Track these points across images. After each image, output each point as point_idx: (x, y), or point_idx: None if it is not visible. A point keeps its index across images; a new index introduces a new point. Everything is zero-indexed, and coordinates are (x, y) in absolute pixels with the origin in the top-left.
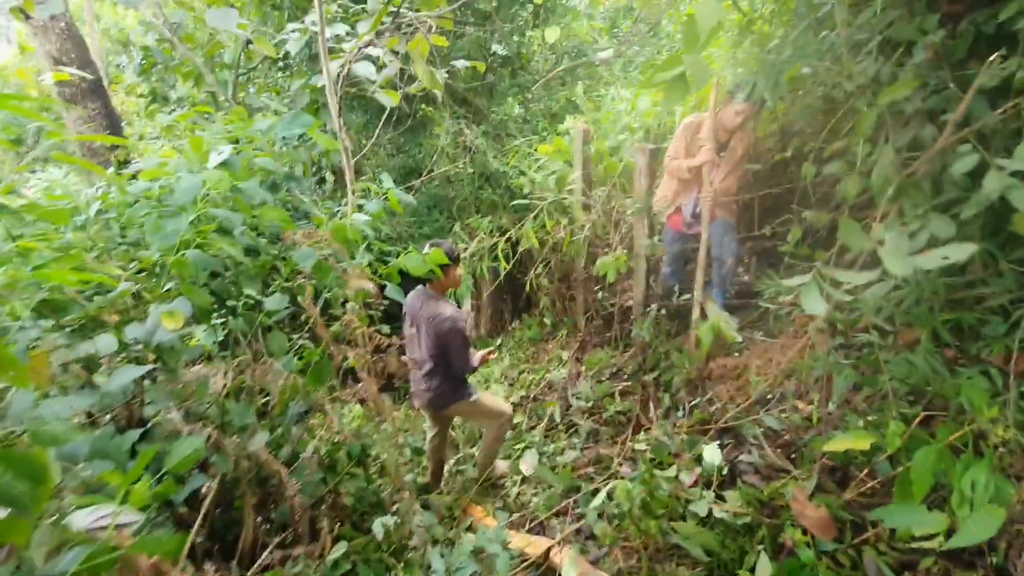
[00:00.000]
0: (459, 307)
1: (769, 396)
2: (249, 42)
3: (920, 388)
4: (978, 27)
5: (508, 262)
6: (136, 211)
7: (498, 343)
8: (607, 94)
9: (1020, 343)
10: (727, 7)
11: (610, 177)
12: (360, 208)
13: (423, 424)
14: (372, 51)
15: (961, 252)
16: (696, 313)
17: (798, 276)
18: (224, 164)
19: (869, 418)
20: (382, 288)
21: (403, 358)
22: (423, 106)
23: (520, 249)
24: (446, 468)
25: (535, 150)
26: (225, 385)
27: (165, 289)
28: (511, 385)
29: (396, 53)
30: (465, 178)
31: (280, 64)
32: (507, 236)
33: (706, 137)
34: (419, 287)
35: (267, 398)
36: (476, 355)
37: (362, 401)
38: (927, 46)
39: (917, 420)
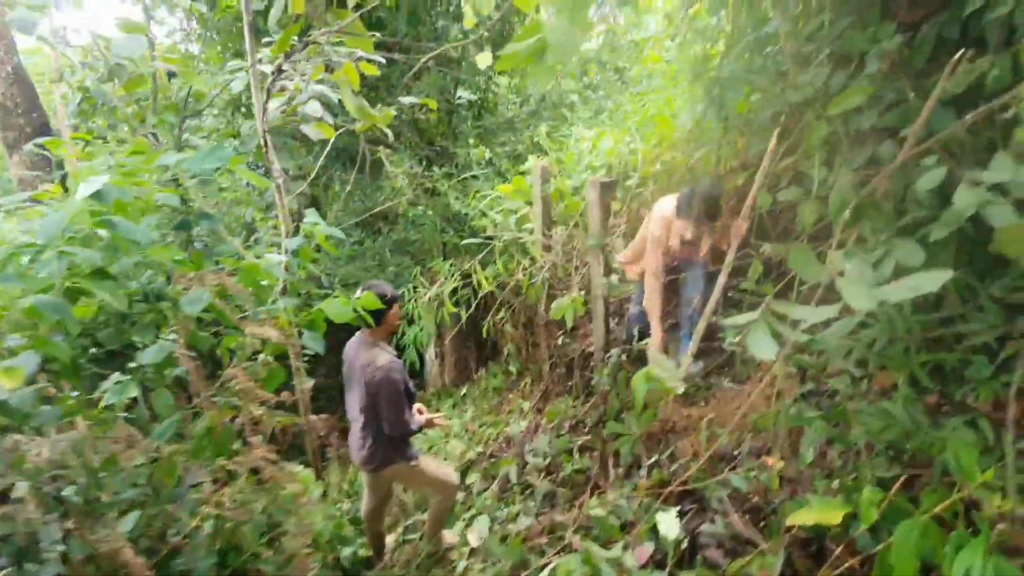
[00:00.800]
0: (397, 357)
1: (736, 451)
2: (172, 75)
3: (900, 443)
4: (940, 32)
5: (471, 307)
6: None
7: (463, 393)
8: (571, 134)
9: (1011, 386)
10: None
11: (571, 216)
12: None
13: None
14: (319, 89)
15: (933, 281)
16: (685, 360)
17: (747, 313)
18: (97, 195)
19: (843, 480)
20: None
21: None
22: (381, 147)
23: (481, 293)
24: (392, 538)
25: (496, 191)
26: (81, 456)
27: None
28: (470, 439)
29: (322, 83)
30: (428, 221)
31: (240, 106)
32: (468, 279)
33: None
34: (357, 333)
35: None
36: (420, 415)
37: (255, 470)
38: (882, 55)
39: (897, 484)
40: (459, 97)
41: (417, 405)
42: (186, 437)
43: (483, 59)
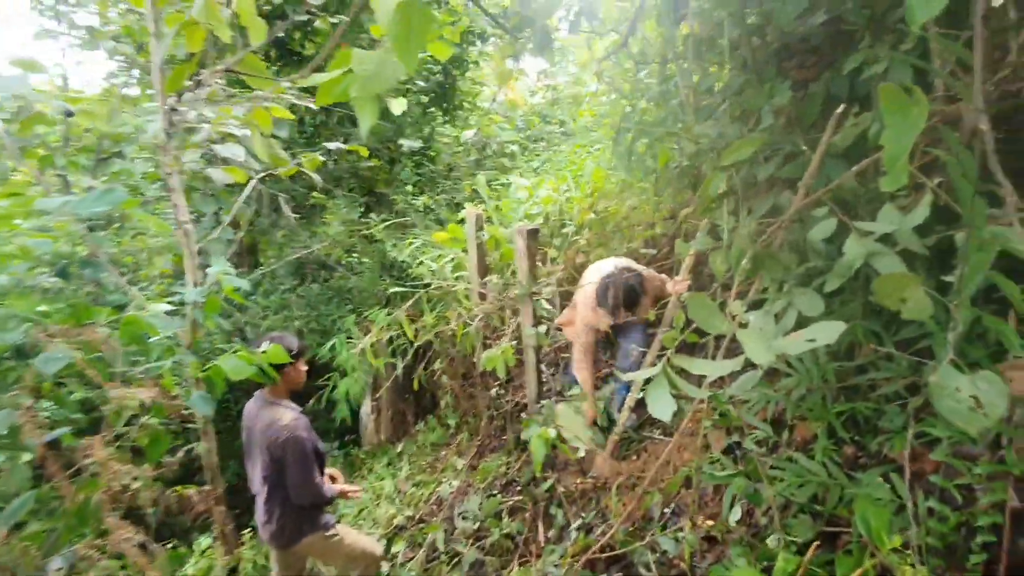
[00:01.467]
0: (302, 414)
1: (667, 510)
2: (70, 114)
3: (817, 501)
4: (828, 89)
5: (407, 357)
6: None
7: (399, 450)
8: (509, 183)
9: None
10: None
11: (507, 264)
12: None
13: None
14: (237, 131)
15: (829, 332)
16: (626, 411)
17: (648, 368)
18: None
19: (763, 543)
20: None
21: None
22: (314, 193)
23: (419, 343)
24: None
25: (433, 238)
26: None
27: None
28: (402, 502)
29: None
30: (366, 268)
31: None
32: (403, 329)
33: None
34: (257, 393)
35: None
36: (334, 484)
37: (118, 555)
38: (776, 110)
39: (812, 550)
40: (401, 145)
41: (330, 471)
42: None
43: (398, 104)
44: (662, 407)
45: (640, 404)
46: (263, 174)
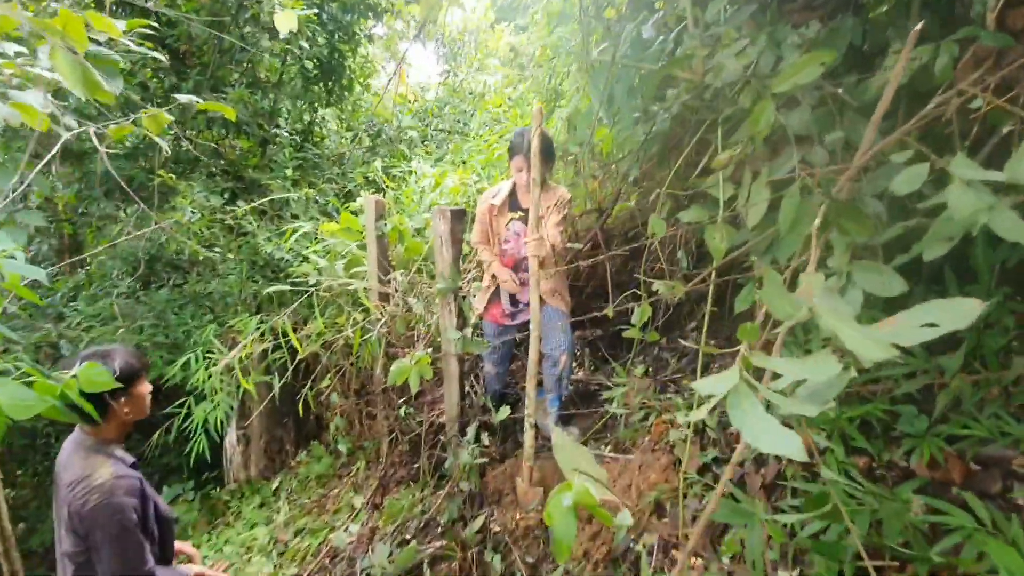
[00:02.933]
0: (134, 467)
1: (637, 546)
2: None
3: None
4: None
5: (287, 373)
6: None
7: (275, 486)
8: (410, 170)
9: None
10: None
11: (413, 260)
12: None
13: None
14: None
15: (962, 314)
16: (528, 430)
17: (715, 376)
18: None
19: None
20: None
21: None
22: (160, 172)
23: (300, 355)
24: None
25: (320, 231)
26: None
27: None
28: (281, 556)
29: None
30: (233, 267)
31: None
32: (281, 339)
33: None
34: (72, 434)
35: None
36: (189, 568)
37: None
38: (804, 43)
39: None
40: (276, 125)
41: (182, 545)
42: None
43: (285, 20)
44: (767, 436)
45: (573, 417)
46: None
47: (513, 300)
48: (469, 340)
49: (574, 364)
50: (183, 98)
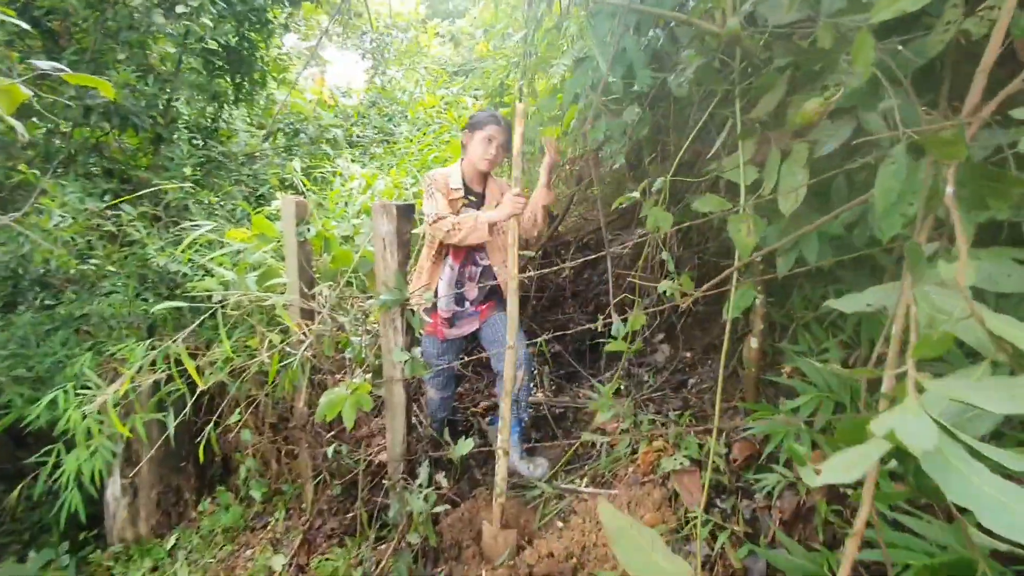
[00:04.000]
0: None
1: None
2: None
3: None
4: None
5: (185, 408)
6: None
7: (171, 544)
8: (336, 171)
9: None
10: None
11: (342, 271)
12: None
13: None
14: None
15: None
16: (501, 458)
17: (887, 419)
18: None
19: None
20: None
21: None
22: (22, 167)
23: (203, 386)
24: None
25: (228, 237)
26: None
27: None
28: None
29: None
30: (118, 283)
31: None
32: (182, 367)
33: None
34: None
35: None
36: None
37: None
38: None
39: None
40: (173, 120)
41: None
42: None
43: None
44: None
45: (539, 449)
46: None
47: (459, 299)
48: (420, 364)
49: (532, 385)
50: (44, 65)
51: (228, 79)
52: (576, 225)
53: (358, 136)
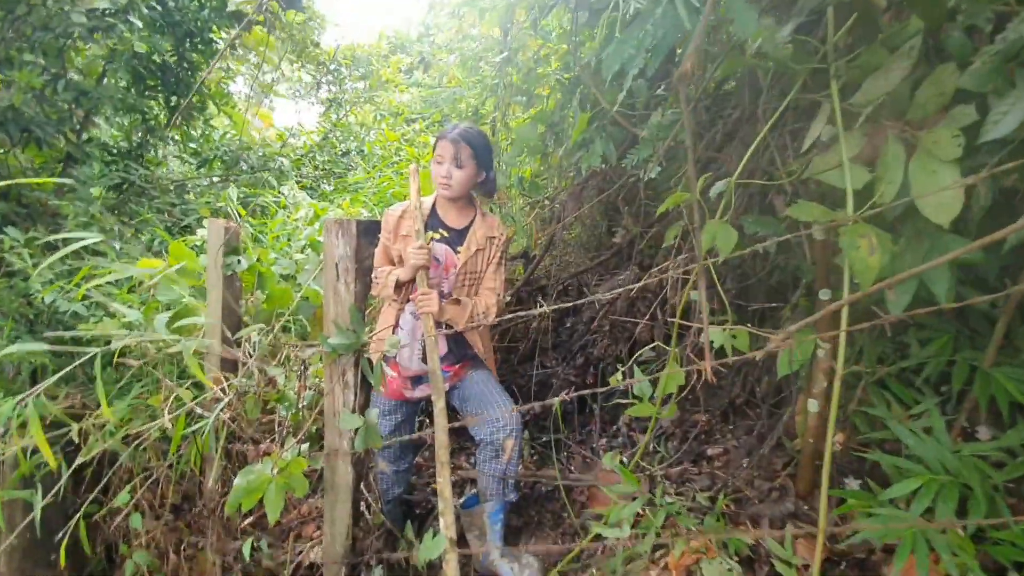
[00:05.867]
0: None
1: None
2: None
3: None
4: None
5: (59, 484)
6: None
7: None
8: (280, 201)
9: None
10: None
11: (278, 313)
12: None
13: None
14: None
15: None
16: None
17: None
18: None
19: None
20: None
21: None
22: None
23: (86, 455)
24: None
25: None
26: None
27: None
28: None
29: None
30: None
31: None
32: (63, 429)
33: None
34: None
35: None
36: None
37: None
38: None
39: None
40: (89, 140)
41: None
42: None
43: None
44: None
45: (513, 538)
46: None
47: (420, 357)
48: (375, 433)
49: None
50: None
51: (161, 100)
52: (554, 268)
53: (306, 176)
